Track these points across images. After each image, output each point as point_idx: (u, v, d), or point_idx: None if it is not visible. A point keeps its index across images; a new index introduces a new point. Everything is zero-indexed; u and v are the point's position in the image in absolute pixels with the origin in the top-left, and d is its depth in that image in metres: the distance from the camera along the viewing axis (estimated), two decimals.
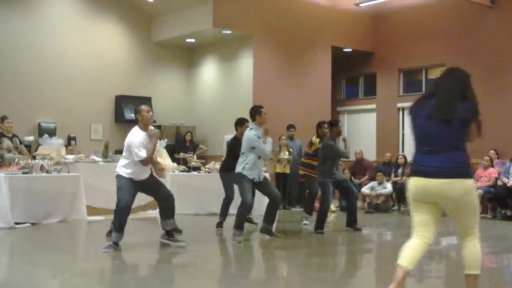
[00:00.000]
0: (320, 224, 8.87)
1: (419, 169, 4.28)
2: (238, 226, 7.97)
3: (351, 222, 9.23)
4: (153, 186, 7.27)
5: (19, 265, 6.28)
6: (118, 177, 7.07)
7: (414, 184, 4.31)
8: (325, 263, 6.88)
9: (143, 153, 6.89)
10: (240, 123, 9.15)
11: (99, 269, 6.24)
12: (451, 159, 4.15)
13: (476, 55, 13.69)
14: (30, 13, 13.92)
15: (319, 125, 9.65)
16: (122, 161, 7.13)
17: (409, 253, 4.24)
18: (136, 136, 6.99)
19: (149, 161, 7.04)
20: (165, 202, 7.28)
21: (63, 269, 6.10)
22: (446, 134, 4.16)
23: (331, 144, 8.99)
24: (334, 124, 9.27)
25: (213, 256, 7.32)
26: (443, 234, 10.04)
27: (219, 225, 9.15)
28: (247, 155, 8.06)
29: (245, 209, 8.15)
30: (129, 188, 7.01)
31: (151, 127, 7.26)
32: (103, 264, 6.46)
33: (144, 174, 7.14)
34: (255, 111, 8.26)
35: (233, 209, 8.67)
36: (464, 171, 4.19)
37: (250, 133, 8.14)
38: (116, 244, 6.97)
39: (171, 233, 7.36)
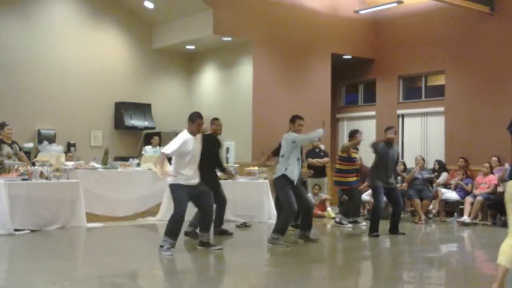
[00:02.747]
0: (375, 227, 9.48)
1: None
2: (281, 230, 8.08)
3: (394, 229, 9.81)
4: (199, 196, 7.35)
5: (18, 272, 6.26)
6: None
7: None
8: (326, 269, 6.87)
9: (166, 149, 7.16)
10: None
11: (98, 276, 6.23)
12: None
13: (475, 62, 13.71)
14: (30, 21, 13.94)
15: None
16: None
17: (508, 253, 4.73)
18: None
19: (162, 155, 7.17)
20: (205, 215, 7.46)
21: (62, 276, 6.10)
22: None
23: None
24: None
25: (215, 262, 7.29)
26: (442, 241, 10.03)
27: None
28: (287, 157, 8.18)
29: (291, 214, 8.22)
30: (184, 195, 7.13)
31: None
32: (102, 271, 6.44)
33: (193, 179, 7.25)
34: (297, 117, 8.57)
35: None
36: None
37: (290, 134, 8.37)
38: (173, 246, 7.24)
39: (208, 243, 7.57)
